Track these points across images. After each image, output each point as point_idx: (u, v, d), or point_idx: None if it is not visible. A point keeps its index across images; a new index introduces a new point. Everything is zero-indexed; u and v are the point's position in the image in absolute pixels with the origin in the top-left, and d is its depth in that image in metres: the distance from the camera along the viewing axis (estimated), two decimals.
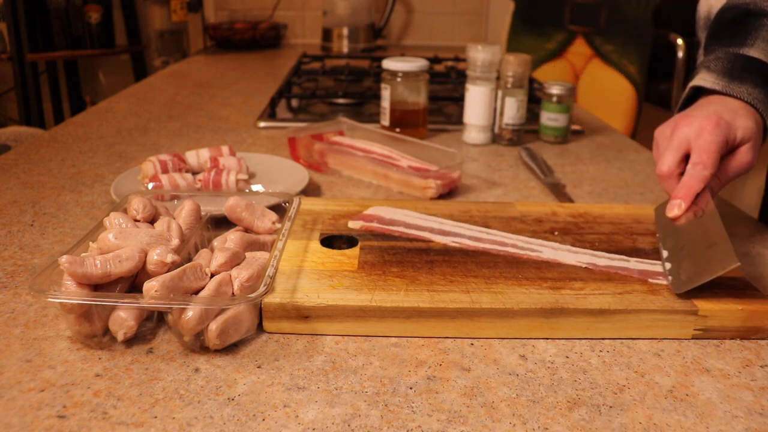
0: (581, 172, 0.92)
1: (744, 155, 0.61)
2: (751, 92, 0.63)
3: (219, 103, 1.29)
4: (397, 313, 0.50)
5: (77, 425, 0.40)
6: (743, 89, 0.64)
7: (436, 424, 0.41)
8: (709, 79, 0.66)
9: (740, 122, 0.61)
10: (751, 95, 0.63)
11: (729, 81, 0.65)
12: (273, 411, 0.41)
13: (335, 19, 2.02)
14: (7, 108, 2.75)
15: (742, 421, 0.42)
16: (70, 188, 0.80)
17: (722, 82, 0.65)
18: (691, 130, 0.60)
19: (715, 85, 0.65)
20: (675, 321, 0.50)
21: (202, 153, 0.83)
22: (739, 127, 0.61)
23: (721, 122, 0.60)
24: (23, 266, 0.60)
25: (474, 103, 1.01)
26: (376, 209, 0.68)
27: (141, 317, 0.48)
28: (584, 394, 0.44)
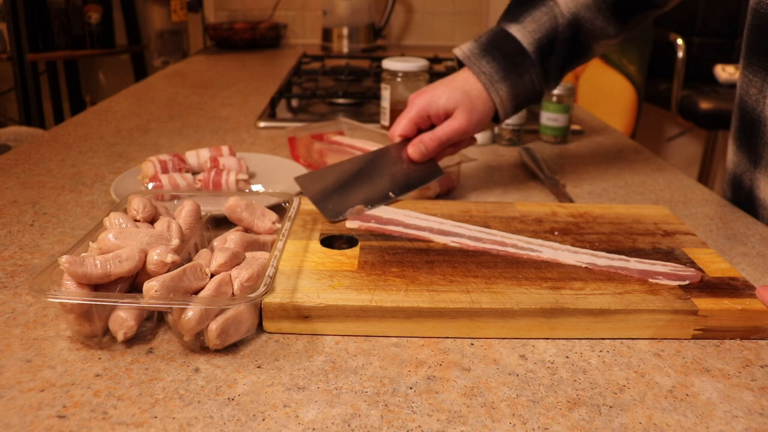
0: (581, 172, 0.92)
1: (454, 119, 0.73)
2: (482, 66, 0.73)
3: (219, 103, 1.29)
4: (397, 313, 0.50)
5: (77, 425, 0.40)
6: (478, 62, 0.73)
7: (436, 424, 0.41)
8: (464, 48, 0.75)
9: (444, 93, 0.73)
10: (480, 68, 0.73)
11: (477, 53, 0.74)
12: (273, 411, 0.41)
13: (335, 19, 2.02)
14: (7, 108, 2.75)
15: (742, 421, 0.42)
16: (70, 188, 0.80)
17: (469, 54, 0.74)
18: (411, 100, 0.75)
19: (461, 55, 0.75)
20: (675, 321, 0.50)
21: (202, 153, 0.83)
22: (441, 97, 0.73)
23: (424, 95, 0.74)
24: (23, 266, 0.60)
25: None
26: (373, 209, 0.68)
27: (141, 317, 0.48)
28: (584, 394, 0.44)
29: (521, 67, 0.72)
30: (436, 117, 0.74)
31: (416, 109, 0.73)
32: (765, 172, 0.75)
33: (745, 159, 0.79)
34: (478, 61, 0.73)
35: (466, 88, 0.72)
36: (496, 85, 0.72)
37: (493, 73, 0.72)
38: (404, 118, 0.74)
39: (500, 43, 0.73)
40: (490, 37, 0.74)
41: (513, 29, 0.73)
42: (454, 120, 0.72)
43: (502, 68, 0.72)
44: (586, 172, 0.92)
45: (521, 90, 0.74)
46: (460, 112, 0.72)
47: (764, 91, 0.73)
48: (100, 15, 2.50)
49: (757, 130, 0.75)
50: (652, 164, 0.96)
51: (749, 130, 0.76)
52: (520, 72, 0.73)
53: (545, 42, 0.73)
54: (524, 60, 0.72)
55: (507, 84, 0.72)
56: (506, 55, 0.72)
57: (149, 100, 1.31)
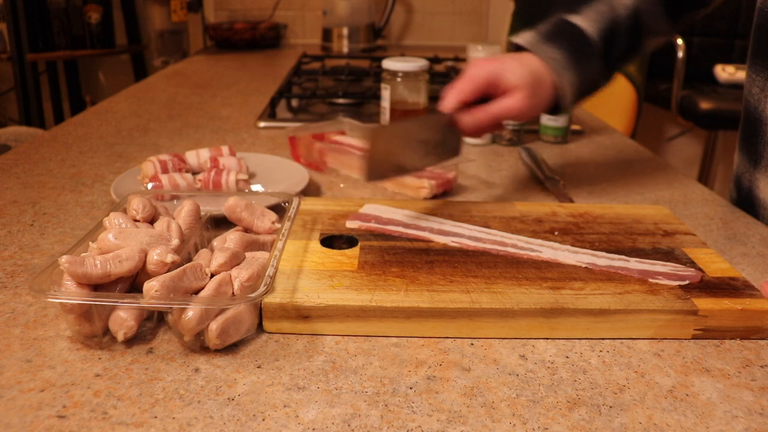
0: (581, 172, 0.92)
1: (512, 98, 0.67)
2: (549, 52, 0.69)
3: (219, 103, 1.29)
4: (397, 313, 0.50)
5: (77, 425, 0.40)
6: (545, 48, 0.70)
7: (436, 424, 0.41)
8: (525, 37, 0.72)
9: (516, 69, 0.67)
10: (547, 54, 0.69)
11: (541, 41, 0.71)
12: (273, 411, 0.41)
13: (335, 19, 2.02)
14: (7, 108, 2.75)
15: (742, 421, 0.42)
16: (70, 188, 0.80)
17: (533, 41, 0.71)
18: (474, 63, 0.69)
19: (525, 43, 0.71)
20: (675, 321, 0.50)
21: (202, 153, 0.83)
22: (513, 73, 0.67)
23: (498, 63, 0.68)
24: (23, 266, 0.60)
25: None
26: (371, 208, 0.68)
27: (141, 317, 0.48)
28: (584, 394, 0.44)
29: (587, 56, 0.71)
30: (498, 90, 0.68)
31: (483, 77, 0.67)
32: (765, 172, 0.75)
33: (745, 159, 0.79)
34: (543, 47, 0.70)
35: (536, 70, 0.68)
36: (564, 72, 0.69)
37: (561, 59, 0.69)
38: (468, 82, 0.67)
39: (563, 31, 0.71)
40: (552, 26, 0.72)
41: (575, 19, 0.72)
42: (515, 99, 0.67)
43: (570, 55, 0.70)
44: (586, 172, 0.92)
45: (586, 79, 0.71)
46: (522, 92, 0.67)
47: (766, 91, 0.73)
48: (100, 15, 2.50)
49: (758, 130, 0.75)
50: (652, 164, 0.96)
51: (751, 129, 0.77)
52: (586, 60, 0.71)
53: (608, 32, 0.71)
54: (590, 48, 0.71)
55: (574, 72, 0.70)
56: (572, 43, 0.70)
57: (149, 100, 1.31)
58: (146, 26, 2.62)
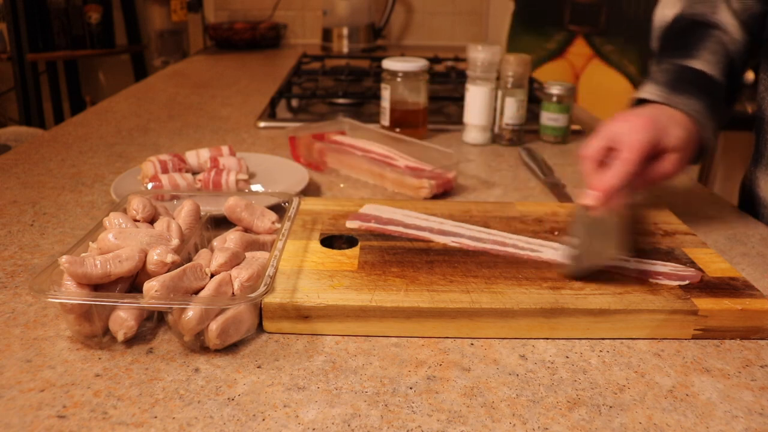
0: (581, 172, 0.92)
1: (670, 163, 0.62)
2: (689, 103, 0.65)
3: (219, 103, 1.29)
4: (397, 313, 0.50)
5: (77, 425, 0.40)
6: (683, 100, 0.65)
7: (436, 424, 0.41)
8: (653, 91, 0.67)
9: (674, 131, 0.62)
10: (689, 106, 0.65)
11: (671, 92, 0.66)
12: (273, 411, 0.41)
13: (335, 19, 2.02)
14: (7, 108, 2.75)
15: (742, 421, 0.42)
16: (70, 188, 0.80)
17: (664, 93, 0.66)
18: (625, 126, 0.61)
19: (657, 97, 0.66)
20: (675, 321, 0.50)
21: (202, 153, 0.83)
22: (672, 135, 0.62)
23: (655, 124, 0.61)
24: (23, 266, 0.60)
25: (474, 103, 1.01)
26: (371, 208, 0.68)
27: (141, 317, 0.48)
28: (584, 394, 0.44)
29: (719, 101, 0.68)
30: (659, 152, 0.62)
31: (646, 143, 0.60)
32: (765, 170, 0.75)
33: (752, 157, 0.79)
34: (682, 100, 0.65)
35: (690, 130, 0.63)
36: (707, 123, 0.65)
37: (703, 110, 0.65)
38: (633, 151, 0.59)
39: (692, 79, 0.67)
40: (675, 75, 0.68)
41: (697, 65, 0.68)
42: (669, 164, 0.62)
43: (708, 104, 0.66)
44: None
45: (718, 126, 0.68)
46: (677, 156, 0.62)
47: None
48: (100, 15, 2.50)
49: (761, 128, 0.76)
50: None
51: (758, 129, 0.77)
52: (718, 105, 0.67)
53: (727, 71, 0.69)
54: (720, 92, 0.68)
55: (713, 121, 0.66)
56: (705, 91, 0.67)
57: (149, 100, 1.31)
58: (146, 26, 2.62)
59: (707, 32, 0.71)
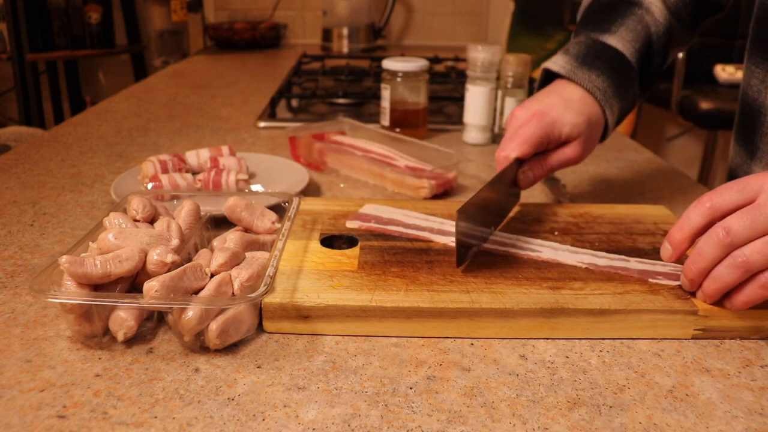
0: (581, 172, 0.92)
1: (570, 150, 0.65)
2: (593, 80, 0.65)
3: (219, 103, 1.29)
4: (397, 313, 0.50)
5: (77, 425, 0.40)
6: (587, 75, 0.65)
7: (436, 424, 0.41)
8: (560, 62, 0.68)
9: (568, 118, 0.64)
10: (593, 83, 0.65)
11: (579, 65, 0.67)
12: (273, 411, 0.41)
13: (335, 19, 2.02)
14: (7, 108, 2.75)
15: (742, 421, 0.42)
16: (70, 188, 0.80)
17: (569, 67, 0.67)
18: (523, 117, 0.65)
19: (561, 69, 0.67)
20: (675, 321, 0.50)
21: (202, 153, 0.83)
22: (566, 124, 0.64)
23: (546, 118, 0.63)
24: (23, 266, 0.60)
25: (474, 103, 1.01)
26: (371, 208, 0.68)
27: (141, 317, 0.48)
28: (584, 394, 0.44)
29: (627, 81, 0.67)
30: (553, 143, 0.65)
31: (538, 133, 0.63)
32: (760, 164, 0.75)
33: (742, 151, 0.78)
34: (586, 75, 0.66)
35: (588, 113, 0.65)
36: (611, 101, 0.66)
37: (606, 88, 0.66)
38: (522, 139, 0.63)
39: (600, 55, 0.67)
40: (585, 48, 0.68)
41: (610, 40, 0.68)
42: (571, 151, 0.65)
43: (614, 82, 0.66)
44: (586, 172, 0.92)
45: (625, 105, 0.68)
46: (578, 143, 0.65)
47: (766, 82, 0.73)
48: (100, 15, 2.50)
49: (756, 121, 0.75)
50: (652, 164, 0.96)
51: (749, 121, 0.76)
52: (627, 85, 0.67)
53: (643, 52, 0.68)
54: (630, 72, 0.67)
55: (618, 99, 0.67)
56: (614, 68, 0.67)
57: (149, 100, 1.31)
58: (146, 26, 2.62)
59: (630, 10, 0.70)
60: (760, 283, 0.46)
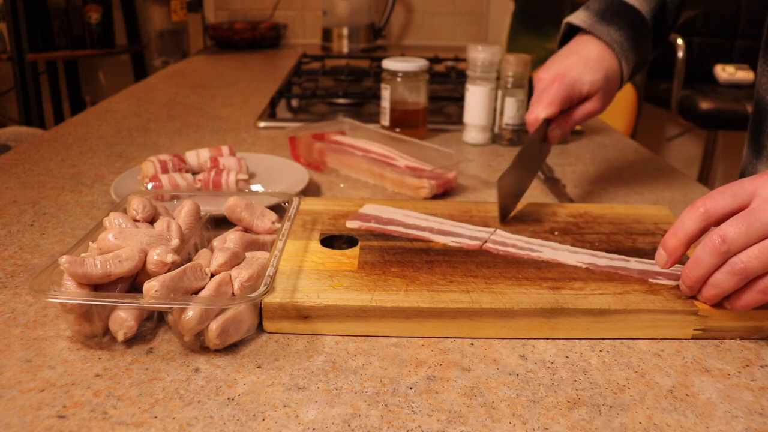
0: (581, 172, 0.92)
1: (591, 105, 0.72)
2: (611, 33, 0.71)
3: (219, 103, 1.29)
4: (397, 313, 0.50)
5: (77, 425, 0.40)
6: (606, 29, 0.71)
7: (436, 424, 0.41)
8: (581, 17, 0.74)
9: (588, 77, 0.70)
10: (610, 36, 0.71)
11: (597, 21, 0.72)
12: (273, 411, 0.41)
13: (335, 19, 2.02)
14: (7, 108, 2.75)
15: (742, 421, 0.42)
16: (70, 188, 0.80)
17: (590, 21, 0.72)
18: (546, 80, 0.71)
19: (582, 23, 0.73)
20: (675, 321, 0.50)
21: (202, 153, 0.83)
22: (585, 83, 0.70)
23: (567, 79, 0.70)
24: (23, 266, 0.60)
25: (474, 103, 1.01)
26: (371, 208, 0.68)
27: (141, 317, 0.48)
28: (584, 394, 0.44)
29: (642, 35, 0.72)
30: (575, 100, 0.72)
31: (562, 94, 0.70)
32: (766, 163, 0.75)
33: (750, 151, 0.78)
34: (605, 28, 0.71)
35: (606, 69, 0.71)
36: (627, 54, 0.71)
37: (623, 42, 0.71)
38: (548, 101, 0.70)
39: (618, 11, 0.72)
40: (604, 5, 0.74)
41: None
42: (592, 105, 0.72)
43: (630, 36, 0.71)
44: (586, 172, 0.92)
45: (639, 59, 0.73)
46: (598, 97, 0.71)
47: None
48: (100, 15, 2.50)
49: (763, 121, 0.75)
50: (652, 164, 0.96)
51: (758, 121, 0.76)
52: (642, 40, 0.72)
53: (658, 11, 0.73)
54: (645, 28, 0.72)
55: (634, 53, 0.72)
56: (631, 24, 0.72)
57: (149, 100, 1.31)
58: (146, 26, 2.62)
59: None
60: (759, 289, 0.47)
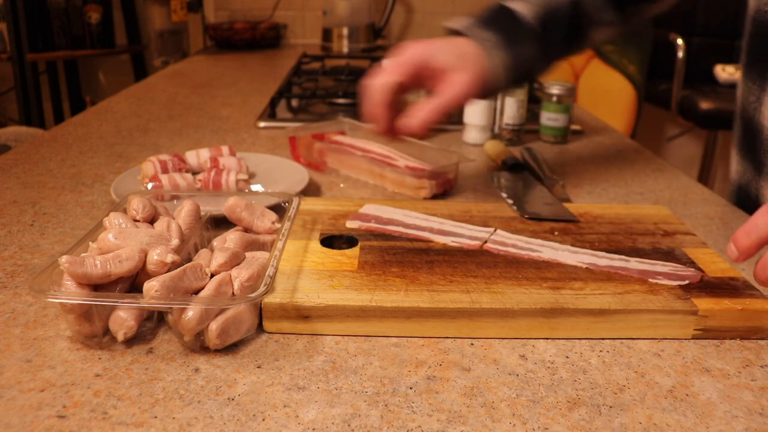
0: (581, 172, 0.92)
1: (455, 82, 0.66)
2: (484, 34, 0.69)
3: (219, 103, 1.29)
4: (397, 313, 0.50)
5: (77, 425, 0.40)
6: (480, 33, 0.69)
7: (436, 424, 0.41)
8: (461, 22, 0.72)
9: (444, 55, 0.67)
10: (482, 36, 0.69)
11: (476, 26, 0.70)
12: (273, 411, 0.41)
13: (335, 19, 2.02)
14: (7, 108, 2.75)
15: (742, 421, 0.42)
16: (70, 188, 0.80)
17: (468, 25, 0.71)
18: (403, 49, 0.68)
19: (461, 27, 0.71)
20: (675, 321, 0.50)
21: (202, 153, 0.83)
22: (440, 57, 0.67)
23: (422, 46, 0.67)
24: (23, 266, 0.60)
25: (474, 103, 1.01)
26: (371, 208, 0.68)
27: (141, 317, 0.48)
28: (584, 394, 0.44)
29: (521, 37, 0.70)
30: (432, 72, 0.67)
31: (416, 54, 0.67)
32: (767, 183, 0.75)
33: (750, 168, 0.78)
34: (479, 32, 0.69)
35: (466, 50, 0.68)
36: (496, 52, 0.69)
37: (494, 40, 0.69)
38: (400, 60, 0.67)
39: (500, 16, 0.71)
40: (489, 12, 0.72)
41: (513, 4, 0.72)
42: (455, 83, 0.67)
43: (503, 36, 0.69)
44: (586, 172, 0.92)
45: (518, 61, 0.70)
46: (462, 72, 0.67)
47: (762, 100, 0.73)
48: (100, 15, 2.50)
49: (757, 139, 0.75)
50: (652, 164, 0.96)
51: (751, 138, 0.76)
52: (519, 40, 0.70)
53: (546, 16, 0.71)
54: (524, 31, 0.70)
55: (506, 52, 0.69)
56: (507, 28, 0.70)
57: (149, 100, 1.31)
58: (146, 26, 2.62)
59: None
60: None
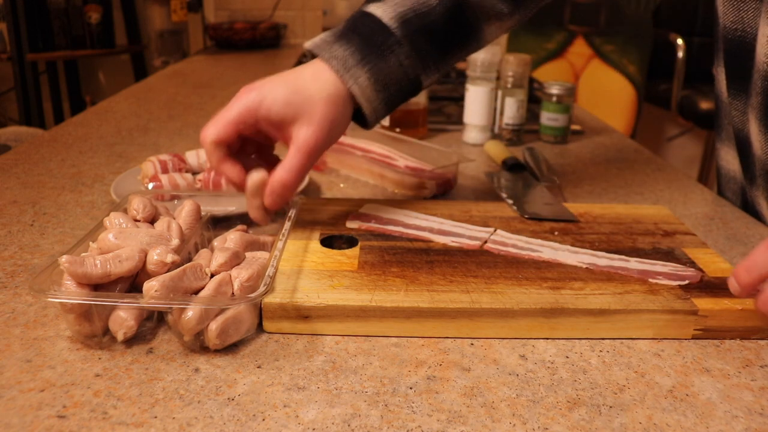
0: (581, 172, 0.92)
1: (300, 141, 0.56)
2: (335, 51, 0.59)
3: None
4: (397, 313, 0.50)
5: (77, 425, 0.40)
6: (331, 49, 0.59)
7: (436, 424, 0.41)
8: (316, 39, 0.61)
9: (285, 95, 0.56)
10: (331, 53, 0.58)
11: (331, 41, 0.60)
12: (273, 411, 0.41)
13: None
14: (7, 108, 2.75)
15: (742, 421, 0.42)
16: (70, 188, 0.80)
17: (321, 42, 0.60)
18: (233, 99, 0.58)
19: (312, 45, 0.61)
20: (675, 321, 0.50)
21: (202, 153, 0.83)
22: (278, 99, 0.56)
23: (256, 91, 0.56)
24: (23, 266, 0.60)
25: (474, 103, 1.01)
26: (371, 208, 0.68)
27: (141, 317, 0.48)
28: (584, 394, 0.44)
29: (383, 47, 0.59)
30: (268, 123, 0.57)
31: (241, 108, 0.56)
32: (761, 193, 0.75)
33: (747, 175, 0.78)
34: (329, 47, 0.59)
35: (308, 87, 0.57)
36: (353, 71, 0.58)
37: (347, 57, 0.58)
38: (222, 118, 0.56)
39: (357, 24, 0.61)
40: (349, 22, 0.62)
41: (372, 8, 0.61)
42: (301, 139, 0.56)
43: (359, 50, 0.58)
44: (586, 172, 0.92)
45: (388, 76, 0.59)
46: (301, 124, 0.56)
47: (747, 114, 0.73)
48: (100, 15, 2.50)
49: (746, 152, 0.75)
50: (652, 164, 0.96)
51: (743, 149, 0.76)
52: (382, 52, 0.59)
53: (411, 16, 0.60)
54: (386, 38, 0.59)
55: (367, 68, 0.58)
56: (364, 36, 0.59)
57: (149, 100, 1.31)
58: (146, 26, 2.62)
59: None
60: None
